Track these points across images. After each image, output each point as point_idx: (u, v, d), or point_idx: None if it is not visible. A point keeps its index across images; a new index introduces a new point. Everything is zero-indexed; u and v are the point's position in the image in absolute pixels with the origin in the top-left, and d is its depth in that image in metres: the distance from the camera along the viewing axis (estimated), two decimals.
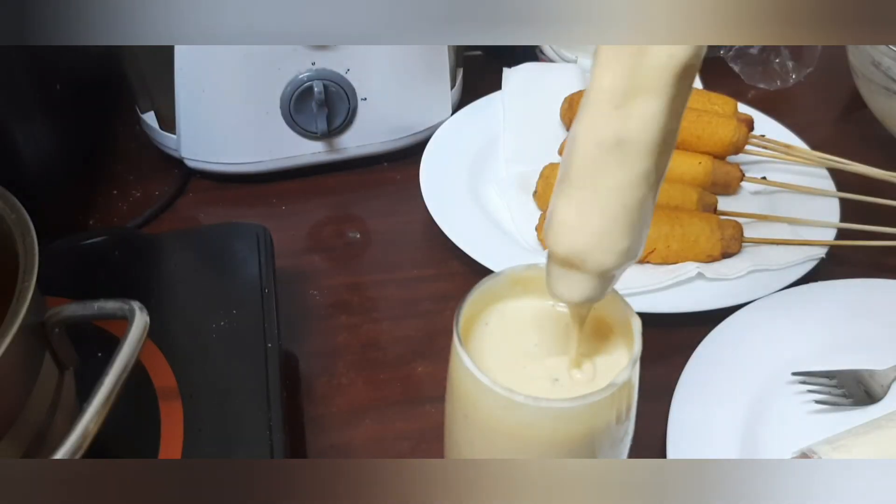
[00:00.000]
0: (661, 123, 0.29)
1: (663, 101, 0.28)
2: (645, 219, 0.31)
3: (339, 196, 0.64)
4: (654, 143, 0.29)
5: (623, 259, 0.31)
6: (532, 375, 0.33)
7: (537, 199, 0.59)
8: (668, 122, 0.29)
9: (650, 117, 0.28)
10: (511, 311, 0.36)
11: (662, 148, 0.29)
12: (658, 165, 0.29)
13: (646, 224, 0.31)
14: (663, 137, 0.29)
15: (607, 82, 0.29)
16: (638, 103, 0.28)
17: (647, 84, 0.28)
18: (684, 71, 0.28)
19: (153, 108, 0.62)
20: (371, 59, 0.60)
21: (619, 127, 0.29)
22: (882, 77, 0.62)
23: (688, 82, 0.29)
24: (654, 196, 0.30)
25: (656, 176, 0.30)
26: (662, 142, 0.29)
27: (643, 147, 0.29)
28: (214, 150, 0.61)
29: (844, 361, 0.48)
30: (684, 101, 0.29)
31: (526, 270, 0.35)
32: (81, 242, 0.54)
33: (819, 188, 0.60)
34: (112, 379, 0.33)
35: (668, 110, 0.28)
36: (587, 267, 0.31)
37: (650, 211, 0.31)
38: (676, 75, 0.28)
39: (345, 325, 0.53)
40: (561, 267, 0.32)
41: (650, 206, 0.30)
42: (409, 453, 0.46)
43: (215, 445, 0.40)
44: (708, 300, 0.51)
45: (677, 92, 0.28)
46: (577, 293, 0.32)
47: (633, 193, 0.29)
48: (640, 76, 0.28)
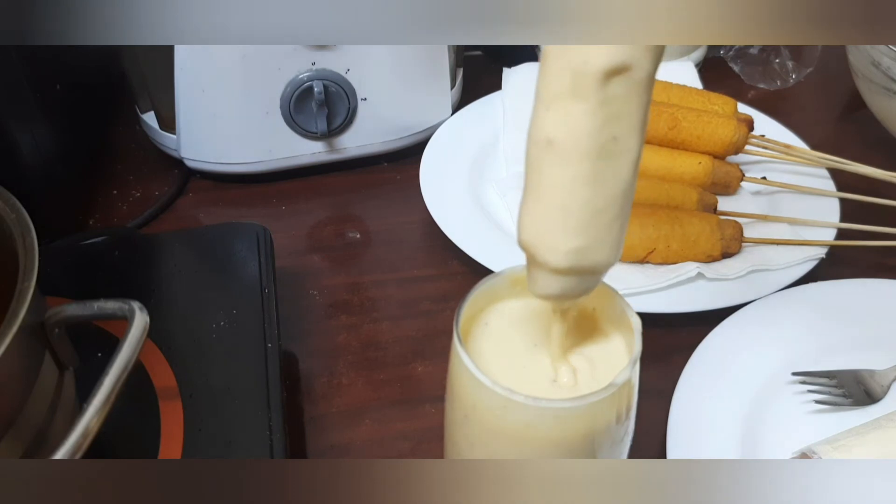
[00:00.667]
0: (587, 127, 0.29)
1: (586, 105, 0.28)
2: (603, 222, 0.30)
3: (339, 196, 0.64)
4: (583, 147, 0.29)
5: (575, 259, 0.31)
6: (532, 375, 0.33)
7: None
8: (599, 127, 0.29)
9: (572, 119, 0.29)
10: (511, 311, 0.36)
11: (600, 153, 0.29)
12: (600, 171, 0.29)
13: (608, 227, 0.30)
14: (596, 142, 0.29)
15: (542, 82, 0.30)
16: (562, 105, 0.29)
17: (570, 87, 0.28)
18: (606, 76, 0.28)
19: (153, 108, 0.62)
20: (371, 59, 0.60)
21: (548, 127, 0.29)
22: (882, 77, 0.62)
23: (622, 89, 0.28)
24: (611, 201, 0.30)
25: (605, 180, 0.30)
26: (598, 147, 0.29)
27: (572, 149, 0.29)
28: (214, 150, 0.61)
29: (844, 361, 0.48)
30: (625, 107, 0.29)
31: (526, 270, 0.35)
32: (81, 242, 0.54)
33: (819, 188, 0.60)
34: (112, 379, 0.33)
35: (593, 114, 0.28)
36: (538, 262, 0.31)
37: (612, 215, 0.30)
38: (597, 80, 0.28)
39: (345, 325, 0.53)
40: (526, 259, 0.32)
41: (609, 210, 0.30)
42: (409, 453, 0.46)
43: (215, 445, 0.40)
44: (708, 300, 0.51)
45: (606, 97, 0.28)
46: (539, 287, 0.32)
47: (573, 195, 0.30)
48: (564, 78, 0.29)
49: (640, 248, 0.54)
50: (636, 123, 0.29)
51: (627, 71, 0.28)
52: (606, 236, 0.31)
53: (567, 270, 0.31)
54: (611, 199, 0.30)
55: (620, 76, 0.28)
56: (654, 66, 0.29)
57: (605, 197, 0.30)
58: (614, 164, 0.29)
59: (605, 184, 0.30)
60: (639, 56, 0.28)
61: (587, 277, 0.32)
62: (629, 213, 0.31)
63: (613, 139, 0.29)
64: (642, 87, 0.29)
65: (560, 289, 0.32)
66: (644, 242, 0.53)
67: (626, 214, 0.31)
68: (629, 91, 0.28)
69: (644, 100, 0.29)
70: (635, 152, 0.30)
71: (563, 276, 0.31)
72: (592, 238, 0.30)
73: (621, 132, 0.29)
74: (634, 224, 0.53)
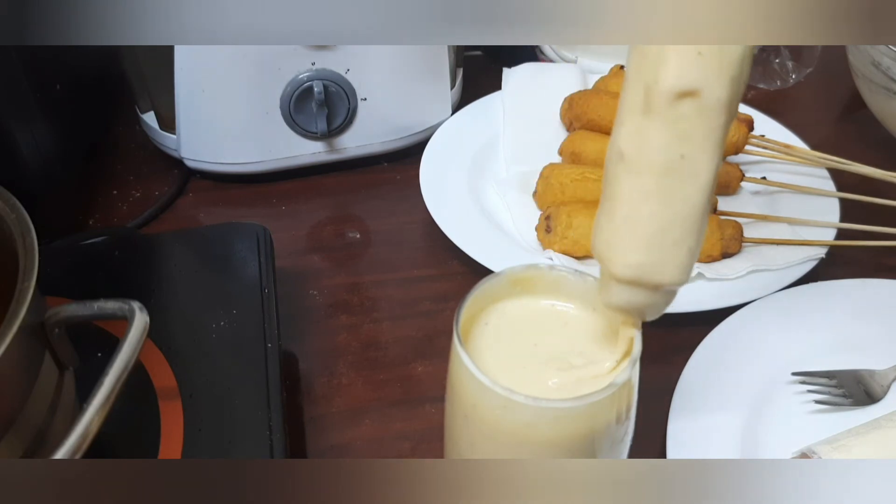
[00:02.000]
0: (655, 141, 0.30)
1: (655, 120, 0.29)
2: (668, 240, 0.31)
3: (339, 196, 0.64)
4: (650, 161, 0.30)
5: (638, 272, 0.31)
6: (532, 375, 0.33)
7: (537, 199, 0.59)
8: (667, 144, 0.29)
9: (642, 133, 0.30)
10: (511, 311, 0.36)
11: (667, 170, 0.30)
12: (666, 187, 0.30)
13: (674, 246, 0.31)
14: (663, 158, 0.30)
15: (622, 98, 0.31)
16: (634, 119, 0.30)
17: (643, 103, 0.30)
18: (677, 96, 0.29)
19: (153, 108, 0.62)
20: (371, 59, 0.60)
21: (621, 140, 0.31)
22: (882, 77, 0.62)
23: (692, 110, 0.29)
24: (677, 220, 0.31)
25: (672, 198, 0.30)
26: (665, 163, 0.30)
27: (639, 162, 0.30)
28: (214, 150, 0.61)
29: (844, 361, 0.48)
30: (695, 128, 0.29)
31: (526, 270, 0.35)
32: (81, 242, 0.54)
33: (819, 188, 0.60)
34: (112, 379, 0.33)
35: (662, 130, 0.29)
36: (605, 271, 0.32)
37: (677, 235, 0.31)
38: (667, 99, 0.29)
39: (345, 325, 0.53)
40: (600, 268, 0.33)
41: (675, 230, 0.31)
42: (409, 453, 0.46)
43: (215, 445, 0.40)
44: (708, 300, 0.51)
45: (675, 116, 0.29)
46: (607, 296, 0.33)
47: (639, 208, 0.31)
48: (638, 94, 0.30)
49: None
50: (708, 147, 0.30)
51: (697, 95, 0.29)
52: (671, 255, 0.31)
53: (630, 282, 0.32)
54: (677, 218, 0.31)
55: (691, 98, 0.29)
56: (727, 93, 0.29)
57: (670, 214, 0.31)
58: (682, 183, 0.30)
59: (672, 202, 0.30)
60: (710, 81, 0.29)
61: (654, 294, 0.32)
62: (701, 239, 0.32)
63: (681, 157, 0.30)
64: (714, 111, 0.29)
65: (626, 300, 0.32)
66: None
67: (695, 239, 0.31)
68: (699, 114, 0.29)
69: (716, 124, 0.30)
70: (706, 176, 0.30)
71: (629, 287, 0.32)
72: (657, 254, 0.31)
73: (690, 152, 0.30)
74: None
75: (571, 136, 0.61)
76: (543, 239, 0.55)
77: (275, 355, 0.44)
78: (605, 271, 0.32)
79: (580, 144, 0.60)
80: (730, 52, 0.29)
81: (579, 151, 0.60)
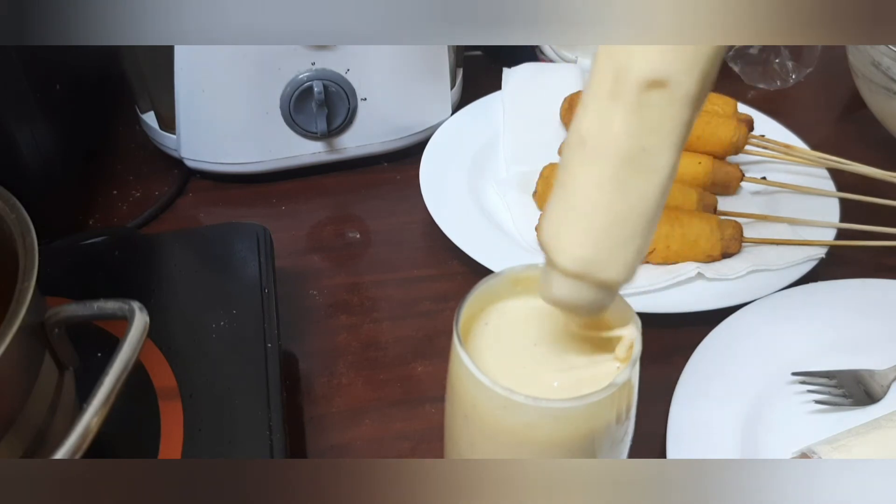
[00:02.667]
0: (618, 129, 0.28)
1: (620, 107, 0.28)
2: (619, 235, 0.30)
3: (339, 196, 0.64)
4: (610, 148, 0.29)
5: (584, 266, 0.30)
6: (532, 375, 0.33)
7: (537, 199, 0.59)
8: (629, 133, 0.28)
9: (605, 119, 0.29)
10: (511, 311, 0.36)
11: (626, 160, 0.29)
12: (623, 179, 0.29)
13: (624, 243, 0.30)
14: (624, 147, 0.29)
15: (588, 83, 0.30)
16: (599, 104, 0.29)
17: (610, 88, 0.28)
18: (646, 85, 0.28)
19: (153, 108, 0.62)
20: (371, 59, 0.60)
21: (583, 125, 0.29)
22: (882, 77, 0.62)
23: (660, 101, 0.28)
24: (630, 215, 0.30)
25: (627, 191, 0.29)
26: (625, 152, 0.29)
27: (599, 148, 0.29)
28: (214, 150, 0.61)
29: (844, 361, 0.48)
30: (660, 120, 0.28)
31: (526, 270, 0.35)
32: (81, 242, 0.54)
33: (819, 188, 0.60)
34: (112, 379, 0.33)
35: (626, 118, 0.28)
36: (550, 261, 0.31)
37: (629, 232, 0.30)
38: (635, 86, 0.28)
39: (345, 325, 0.53)
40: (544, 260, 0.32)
41: (627, 225, 0.30)
42: (409, 453, 0.46)
43: (215, 445, 0.40)
44: (708, 300, 0.51)
45: (641, 104, 0.28)
46: (548, 289, 0.32)
47: (593, 197, 0.29)
48: (606, 80, 0.29)
49: None
50: (670, 142, 0.29)
51: (666, 86, 0.28)
52: (620, 252, 0.30)
53: (576, 275, 0.30)
54: (631, 213, 0.29)
55: (660, 89, 0.28)
56: (697, 87, 0.28)
57: (624, 208, 0.29)
58: (640, 177, 0.29)
59: (627, 195, 0.29)
60: (681, 74, 0.28)
61: (596, 291, 0.31)
62: (649, 241, 0.30)
63: (643, 149, 0.29)
64: (681, 105, 0.28)
65: (568, 295, 0.31)
66: None
67: (645, 238, 0.30)
68: (667, 106, 0.28)
69: (681, 119, 0.29)
70: (665, 172, 0.29)
71: (574, 281, 0.31)
72: (605, 249, 0.30)
73: (652, 145, 0.29)
74: None
75: None
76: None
77: (275, 355, 0.44)
78: (550, 263, 0.31)
79: None
80: (704, 46, 0.28)
81: None
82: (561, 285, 0.31)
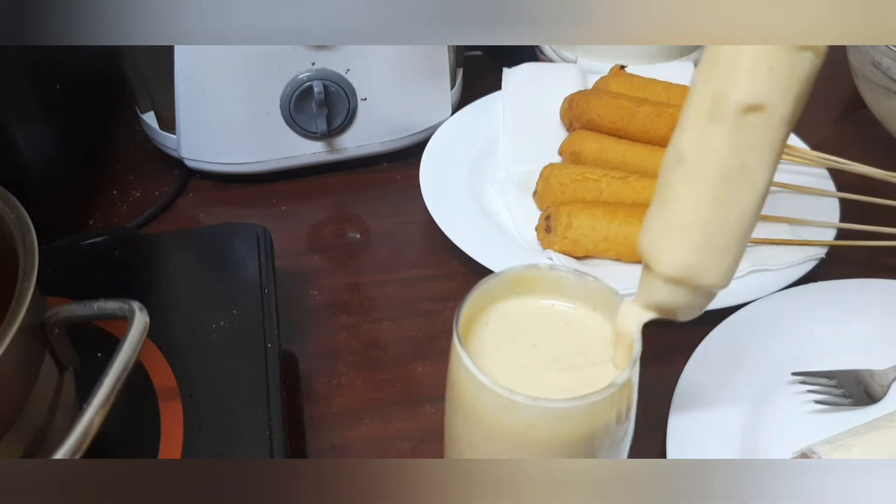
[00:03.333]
0: (719, 148, 0.30)
1: (720, 127, 0.30)
2: (718, 245, 0.32)
3: (339, 196, 0.64)
4: (711, 166, 0.31)
5: (684, 273, 0.32)
6: (532, 375, 0.33)
7: (537, 199, 0.59)
8: (730, 151, 0.30)
9: (706, 140, 0.31)
10: (511, 311, 0.36)
11: (727, 177, 0.31)
12: (723, 194, 0.31)
13: (722, 252, 0.32)
14: (725, 165, 0.30)
15: (687, 104, 0.31)
16: (699, 125, 0.31)
17: (709, 111, 0.30)
18: (744, 109, 0.30)
19: (153, 108, 0.62)
20: (371, 59, 0.60)
21: (683, 144, 0.31)
22: (882, 77, 0.62)
23: (758, 122, 0.30)
24: (729, 227, 0.32)
25: (727, 205, 0.31)
26: (725, 170, 0.31)
27: (700, 167, 0.31)
28: (214, 150, 0.61)
29: (844, 361, 0.48)
30: (758, 139, 0.30)
31: (526, 270, 0.35)
32: (81, 242, 0.54)
33: (819, 188, 0.60)
34: (112, 379, 0.33)
35: (726, 138, 0.30)
36: (651, 269, 0.33)
37: (727, 241, 0.32)
38: (735, 110, 0.30)
39: (345, 325, 0.53)
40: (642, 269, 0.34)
41: (725, 236, 0.32)
42: (409, 453, 0.46)
43: (215, 445, 0.40)
44: None
45: (740, 125, 0.30)
46: (648, 294, 0.33)
47: (694, 212, 0.31)
48: (705, 103, 0.30)
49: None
50: (767, 159, 0.31)
51: (764, 109, 0.30)
52: (719, 260, 0.32)
53: (676, 280, 0.32)
54: (729, 224, 0.31)
55: (758, 112, 0.30)
56: (791, 109, 0.30)
57: (723, 220, 0.31)
58: (738, 192, 0.31)
59: (727, 209, 0.31)
60: (778, 97, 0.30)
61: (695, 295, 0.33)
62: (744, 247, 0.32)
63: (741, 166, 0.31)
64: (778, 126, 0.30)
65: (667, 298, 0.33)
66: None
67: (741, 247, 0.32)
68: (764, 127, 0.30)
69: (777, 138, 0.31)
70: (761, 188, 0.31)
71: (673, 286, 0.32)
72: (705, 257, 0.32)
73: (750, 162, 0.31)
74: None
75: (571, 136, 0.61)
76: (543, 239, 0.55)
77: (275, 355, 0.44)
78: (650, 270, 0.33)
79: (580, 144, 0.60)
80: (799, 69, 0.30)
81: (579, 151, 0.60)
82: (661, 289, 0.33)
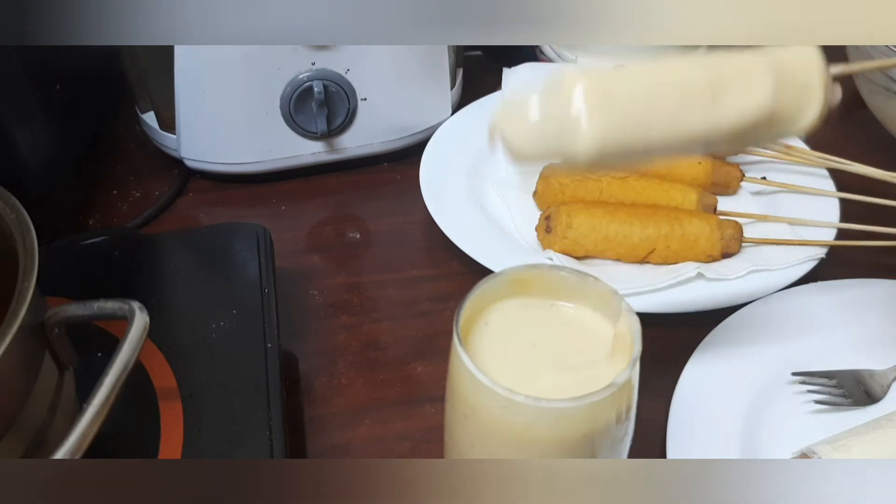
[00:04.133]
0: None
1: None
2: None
3: (339, 196, 0.64)
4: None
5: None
6: (532, 375, 0.33)
7: (537, 199, 0.59)
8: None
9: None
10: (511, 311, 0.36)
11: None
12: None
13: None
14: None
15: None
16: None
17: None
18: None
19: (153, 108, 0.62)
20: (371, 59, 0.60)
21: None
22: (882, 77, 0.62)
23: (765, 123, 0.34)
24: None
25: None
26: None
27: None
28: (214, 150, 0.61)
29: (844, 361, 0.48)
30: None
31: (526, 270, 0.35)
32: (81, 242, 0.54)
33: (819, 188, 0.60)
34: (112, 379, 0.33)
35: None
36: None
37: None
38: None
39: (345, 325, 0.53)
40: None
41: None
42: (409, 453, 0.46)
43: (215, 445, 0.40)
44: (708, 300, 0.51)
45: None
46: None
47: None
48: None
49: (640, 248, 0.53)
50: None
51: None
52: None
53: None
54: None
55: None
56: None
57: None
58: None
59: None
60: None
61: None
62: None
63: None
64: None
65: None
66: (644, 242, 0.53)
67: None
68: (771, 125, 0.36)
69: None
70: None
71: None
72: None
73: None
74: (634, 224, 0.53)
75: None
76: (543, 239, 0.55)
77: (275, 355, 0.44)
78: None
79: None
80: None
81: None
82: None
